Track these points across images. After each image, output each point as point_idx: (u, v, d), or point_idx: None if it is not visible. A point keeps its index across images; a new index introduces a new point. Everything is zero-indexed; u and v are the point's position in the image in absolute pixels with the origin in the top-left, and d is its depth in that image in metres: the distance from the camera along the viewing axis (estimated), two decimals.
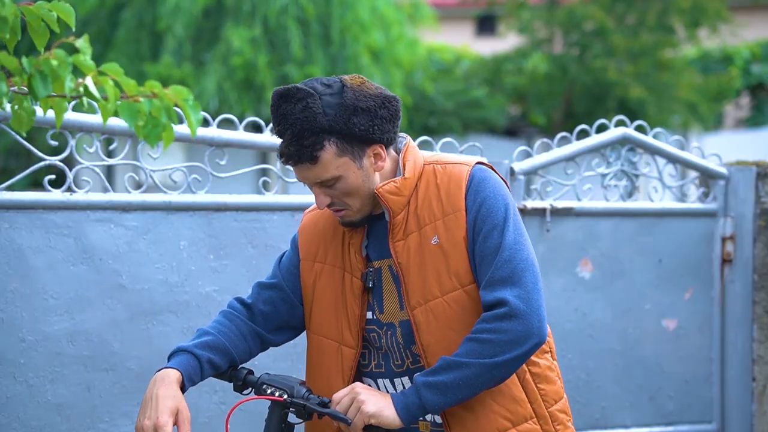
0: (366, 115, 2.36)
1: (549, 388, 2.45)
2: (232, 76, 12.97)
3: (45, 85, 1.87)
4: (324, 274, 2.53)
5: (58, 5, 1.95)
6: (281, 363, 3.46)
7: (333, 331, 2.51)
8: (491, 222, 2.36)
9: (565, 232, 3.92)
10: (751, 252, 4.11)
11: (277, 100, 2.36)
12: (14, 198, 3.15)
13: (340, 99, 2.35)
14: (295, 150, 2.34)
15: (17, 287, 3.15)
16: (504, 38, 17.07)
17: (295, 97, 2.34)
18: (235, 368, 2.49)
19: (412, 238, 2.41)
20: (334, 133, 2.34)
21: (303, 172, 2.37)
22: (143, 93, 1.93)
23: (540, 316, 2.31)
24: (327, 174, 2.36)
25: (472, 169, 2.42)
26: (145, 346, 3.30)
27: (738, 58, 18.49)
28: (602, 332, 3.99)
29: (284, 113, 2.34)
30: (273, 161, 10.37)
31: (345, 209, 2.42)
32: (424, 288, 2.39)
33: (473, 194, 2.39)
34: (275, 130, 2.38)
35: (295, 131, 2.33)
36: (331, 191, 2.39)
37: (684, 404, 4.13)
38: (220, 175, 3.47)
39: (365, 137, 2.36)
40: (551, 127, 15.91)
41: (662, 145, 4.08)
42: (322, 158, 2.34)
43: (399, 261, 2.41)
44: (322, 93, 2.35)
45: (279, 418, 2.39)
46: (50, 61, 1.86)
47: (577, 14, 15.20)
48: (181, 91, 1.95)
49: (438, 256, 2.39)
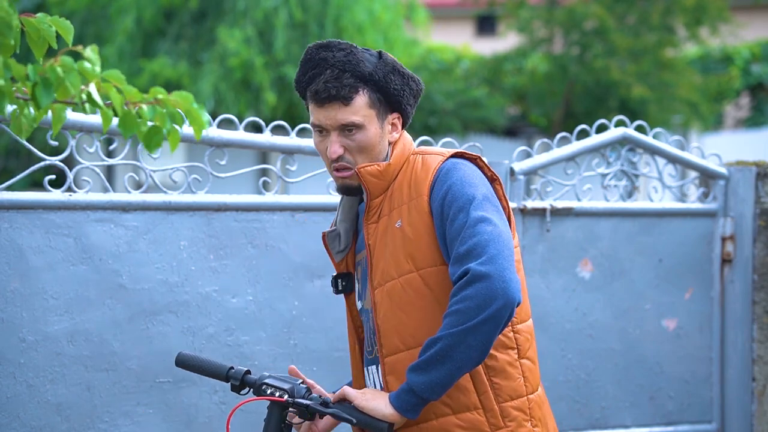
0: (401, 78, 2.46)
1: (505, 384, 2.41)
2: (229, 76, 12.98)
3: (48, 93, 1.87)
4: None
5: (58, 21, 1.95)
6: (281, 363, 3.47)
7: (350, 331, 2.65)
8: (457, 205, 2.36)
9: (565, 232, 3.92)
10: (751, 252, 4.11)
11: (315, 50, 2.45)
12: (14, 198, 3.15)
13: (380, 59, 2.47)
14: (333, 86, 2.40)
15: (17, 287, 3.15)
16: (504, 38, 17.06)
17: (337, 47, 2.45)
18: (232, 368, 2.49)
19: (383, 221, 2.46)
20: (372, 84, 2.43)
21: (330, 112, 2.42)
22: (146, 100, 1.93)
23: (504, 278, 2.24)
24: (354, 118, 2.42)
25: (444, 161, 2.44)
26: (145, 346, 3.30)
27: (738, 58, 18.50)
28: (602, 332, 3.99)
29: (324, 57, 2.43)
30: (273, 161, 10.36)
31: (350, 169, 2.46)
32: (384, 269, 2.43)
33: (440, 183, 2.40)
34: (307, 75, 2.44)
35: (335, 71, 2.41)
36: (348, 141, 2.44)
37: (684, 404, 4.13)
38: (220, 175, 3.47)
39: (394, 99, 2.45)
40: (551, 127, 15.91)
41: (662, 145, 4.08)
42: (355, 102, 2.42)
43: (369, 242, 2.46)
44: (362, 50, 2.47)
45: (278, 419, 2.39)
46: (56, 68, 1.86)
47: (577, 14, 15.19)
48: (186, 96, 1.95)
49: (398, 239, 2.42)
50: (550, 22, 15.73)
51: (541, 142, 4.02)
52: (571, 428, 3.96)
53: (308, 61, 2.45)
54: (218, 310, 3.41)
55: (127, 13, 13.14)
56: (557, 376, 3.92)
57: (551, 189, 3.94)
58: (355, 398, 2.37)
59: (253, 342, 3.45)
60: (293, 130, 3.56)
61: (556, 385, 3.91)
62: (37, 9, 15.04)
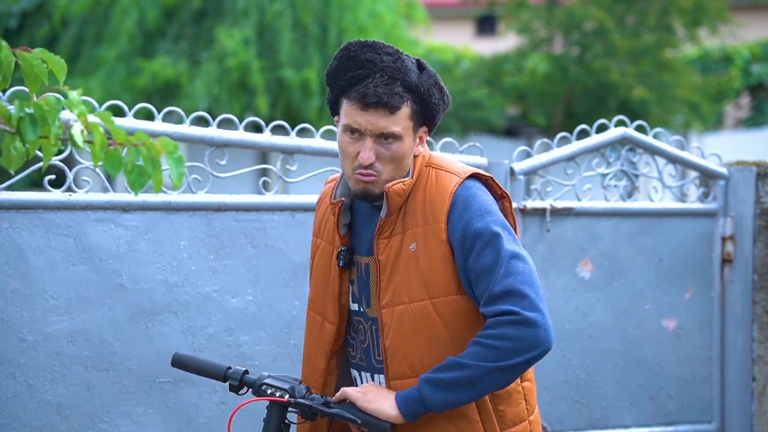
0: (439, 93, 2.42)
1: (509, 410, 2.43)
2: (226, 77, 12.97)
3: (34, 129, 1.89)
4: (321, 250, 2.58)
5: (53, 59, 1.97)
6: (281, 363, 3.46)
7: (320, 305, 2.56)
8: (483, 240, 2.34)
9: (565, 232, 3.92)
10: (751, 252, 4.11)
11: (359, 48, 2.38)
12: (14, 198, 3.15)
13: (422, 70, 2.41)
14: (384, 92, 2.34)
15: (17, 287, 3.15)
16: (504, 38, 17.07)
17: (382, 49, 2.38)
18: (230, 368, 2.48)
19: (396, 239, 2.42)
20: (416, 95, 2.38)
21: (373, 117, 2.36)
22: (131, 142, 1.96)
23: (547, 327, 2.30)
24: (395, 128, 2.36)
25: (459, 186, 2.41)
26: (145, 346, 3.30)
27: (738, 58, 18.50)
28: (602, 332, 3.99)
29: (371, 59, 2.36)
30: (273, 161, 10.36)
31: (377, 176, 2.40)
32: (395, 291, 2.40)
33: (458, 213, 2.38)
34: (350, 74, 2.36)
35: (385, 76, 2.35)
36: (383, 150, 2.38)
37: (684, 404, 4.13)
38: (220, 175, 3.47)
39: (431, 113, 2.42)
40: (551, 128, 15.90)
41: (662, 145, 4.08)
42: (401, 112, 2.37)
43: (379, 258, 2.43)
44: (405, 56, 2.40)
45: (278, 419, 2.39)
46: (42, 105, 1.88)
47: (576, 14, 15.19)
48: (168, 143, 1.99)
49: (412, 263, 2.40)
50: (550, 23, 15.73)
51: (541, 142, 4.02)
52: (571, 428, 3.96)
53: (350, 59, 2.37)
54: (218, 310, 3.41)
55: (129, 14, 13.14)
56: (557, 376, 3.91)
57: (551, 189, 3.94)
58: (357, 399, 2.37)
59: (253, 342, 3.45)
60: (293, 130, 3.56)
61: (556, 385, 3.91)
62: (37, 10, 15.05)
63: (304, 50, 13.30)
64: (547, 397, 3.89)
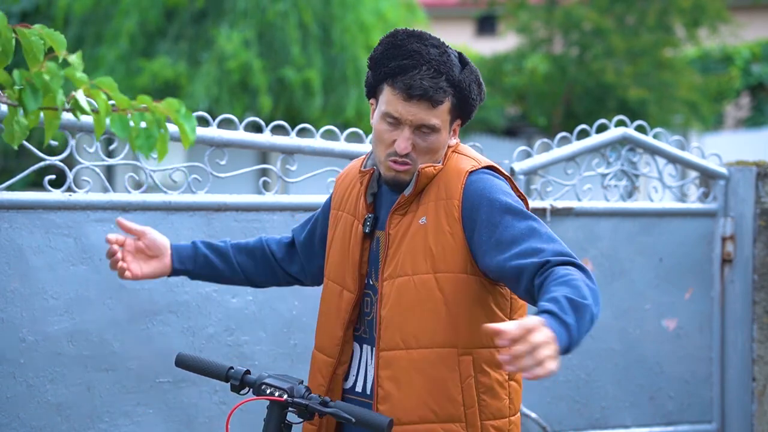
0: (478, 89, 2.43)
1: (492, 403, 2.43)
2: (226, 78, 12.96)
3: (35, 98, 1.87)
4: (341, 221, 2.58)
5: (51, 34, 1.95)
6: (281, 363, 3.47)
7: (339, 275, 2.55)
8: (512, 212, 2.33)
9: (565, 232, 3.92)
10: (751, 252, 4.11)
11: (406, 37, 2.37)
12: (14, 198, 3.15)
13: (466, 64, 2.41)
14: (430, 86, 2.34)
15: (17, 287, 3.15)
16: (504, 38, 17.07)
17: (429, 41, 2.38)
18: (232, 368, 2.49)
19: (409, 216, 2.44)
20: (458, 90, 2.38)
21: (415, 108, 2.36)
22: (135, 107, 1.94)
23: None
24: (436, 121, 2.37)
25: (476, 170, 2.43)
26: (145, 346, 3.30)
27: (738, 58, 18.50)
28: (602, 332, 3.99)
29: (417, 50, 2.35)
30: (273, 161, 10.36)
31: (410, 165, 2.41)
32: (399, 263, 2.41)
33: (474, 192, 2.38)
34: (395, 63, 2.35)
35: (431, 69, 2.35)
36: (420, 141, 2.39)
37: (684, 404, 4.13)
38: (220, 175, 3.47)
39: (468, 108, 2.42)
40: (551, 128, 15.91)
41: (662, 145, 4.08)
42: (442, 106, 2.37)
43: (389, 231, 2.44)
44: (450, 49, 2.40)
45: (278, 418, 2.39)
46: (42, 74, 1.87)
47: (574, 15, 15.20)
48: (173, 103, 1.96)
49: (420, 236, 2.40)
50: (549, 23, 15.74)
51: (541, 142, 4.02)
52: (571, 428, 3.96)
53: (397, 47, 2.37)
54: (218, 310, 3.41)
55: (130, 15, 13.13)
56: (557, 376, 3.91)
57: (551, 189, 3.94)
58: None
59: (253, 342, 3.45)
60: (293, 130, 3.56)
61: (556, 385, 3.91)
62: (37, 10, 15.05)
63: (306, 50, 13.30)
64: (547, 397, 3.89)
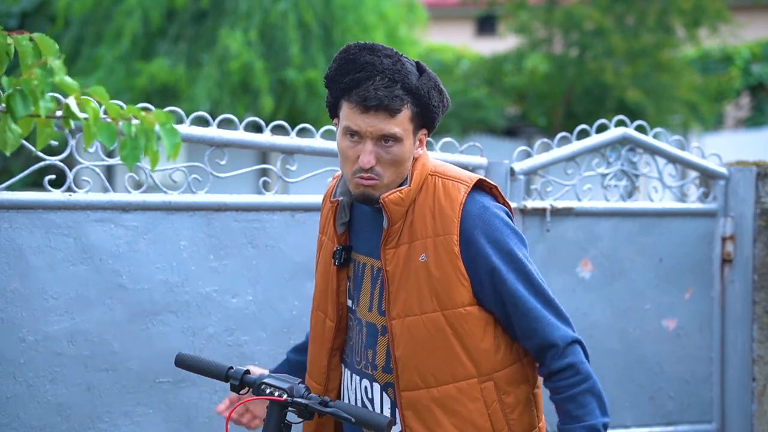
0: (439, 95, 2.41)
1: (520, 419, 2.46)
2: (227, 80, 12.95)
3: (25, 105, 1.87)
4: (324, 246, 2.59)
5: (42, 38, 1.95)
6: None
7: (323, 303, 2.57)
8: (511, 260, 2.40)
9: (565, 232, 3.92)
10: (751, 252, 4.10)
11: (358, 51, 2.36)
12: (14, 198, 3.15)
13: (422, 72, 2.40)
14: (385, 95, 2.32)
15: (17, 287, 3.15)
16: (504, 38, 17.07)
17: (381, 51, 2.37)
18: (232, 368, 2.49)
19: (403, 249, 2.41)
20: (416, 98, 2.36)
21: (373, 120, 2.34)
22: (124, 116, 1.94)
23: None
24: (396, 130, 2.35)
25: (468, 197, 2.41)
26: (145, 346, 3.30)
27: (738, 58, 18.50)
28: (602, 332, 3.99)
29: (371, 62, 2.34)
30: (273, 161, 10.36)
31: (377, 179, 2.39)
32: (405, 302, 2.40)
33: (472, 225, 2.39)
34: (350, 77, 2.35)
35: (385, 78, 2.33)
36: (383, 153, 2.37)
37: (684, 404, 4.13)
38: (220, 175, 3.47)
39: (431, 115, 2.40)
40: (551, 127, 15.91)
41: (662, 145, 4.08)
42: (400, 115, 2.35)
43: (387, 268, 2.42)
44: (405, 59, 2.39)
45: (278, 418, 2.39)
46: (30, 81, 1.86)
47: (575, 15, 15.19)
48: (160, 115, 1.96)
49: (423, 274, 2.40)
50: (549, 23, 15.74)
51: (541, 142, 4.02)
52: None
53: (350, 61, 2.35)
54: (218, 310, 3.40)
55: (132, 15, 13.09)
56: None
57: (551, 189, 3.94)
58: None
59: (253, 342, 3.45)
60: (293, 130, 3.56)
61: None
62: (37, 10, 15.04)
63: (307, 50, 13.29)
64: (547, 397, 3.89)
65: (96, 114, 1.92)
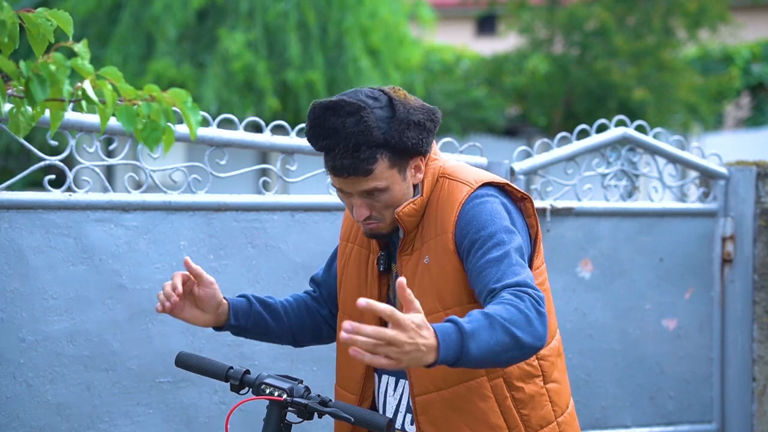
0: (417, 129, 2.36)
1: (534, 413, 2.43)
2: (232, 79, 12.94)
3: (43, 89, 1.85)
4: (353, 254, 2.57)
5: (57, 14, 1.94)
6: (281, 363, 3.46)
7: (356, 311, 2.49)
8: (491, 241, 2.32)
9: (565, 232, 3.92)
10: (751, 252, 4.10)
11: (322, 113, 2.33)
12: (14, 198, 3.15)
13: (391, 112, 2.34)
14: (350, 163, 2.31)
15: (17, 287, 3.15)
16: (504, 38, 17.07)
17: (345, 110, 2.31)
18: (232, 368, 2.50)
19: (415, 254, 2.44)
20: (388, 147, 2.33)
21: (351, 183, 2.36)
22: (141, 97, 1.92)
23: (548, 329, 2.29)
24: (376, 184, 2.35)
25: (469, 196, 2.40)
26: (145, 346, 3.30)
27: (738, 58, 18.50)
28: (602, 332, 3.99)
29: (334, 127, 2.31)
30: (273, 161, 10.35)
31: (379, 222, 2.42)
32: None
33: (464, 222, 2.37)
34: (319, 144, 2.34)
35: (349, 145, 2.30)
36: (373, 203, 2.39)
37: (684, 404, 4.13)
38: (220, 175, 3.47)
39: (414, 150, 2.37)
40: (551, 127, 15.91)
41: (662, 145, 4.08)
42: (376, 171, 2.34)
43: (401, 275, 2.41)
44: (372, 106, 2.33)
45: (278, 418, 2.39)
46: (48, 65, 1.85)
47: (577, 15, 15.19)
48: (180, 93, 1.93)
49: (426, 276, 2.41)
50: (550, 23, 15.74)
51: (541, 142, 4.02)
52: None
53: (317, 126, 2.34)
54: None
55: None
56: None
57: (551, 189, 3.94)
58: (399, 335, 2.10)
59: (253, 342, 3.44)
60: (293, 129, 3.56)
61: None
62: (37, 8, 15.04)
63: (307, 51, 13.29)
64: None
65: (114, 97, 1.89)
